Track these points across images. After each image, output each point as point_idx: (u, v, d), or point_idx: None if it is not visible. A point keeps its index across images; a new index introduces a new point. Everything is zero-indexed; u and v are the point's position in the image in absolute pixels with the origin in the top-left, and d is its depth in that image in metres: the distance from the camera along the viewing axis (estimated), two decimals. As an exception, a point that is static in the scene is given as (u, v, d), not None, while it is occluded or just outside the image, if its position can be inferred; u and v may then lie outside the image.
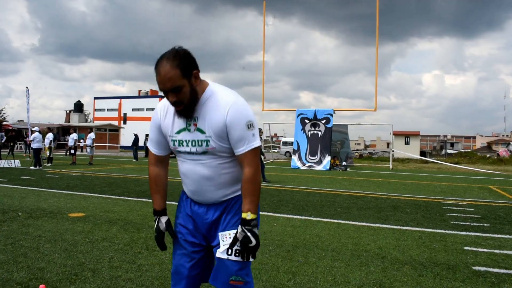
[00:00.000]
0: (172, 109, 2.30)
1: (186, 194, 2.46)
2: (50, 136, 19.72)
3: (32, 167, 17.89)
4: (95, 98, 68.46)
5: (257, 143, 2.22)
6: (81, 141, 40.58)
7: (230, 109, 2.15)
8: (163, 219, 2.42)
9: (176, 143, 2.31)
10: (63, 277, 3.98)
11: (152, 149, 2.45)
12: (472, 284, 4.13)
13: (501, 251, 5.42)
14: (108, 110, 66.40)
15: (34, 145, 18.26)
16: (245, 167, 2.23)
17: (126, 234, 5.81)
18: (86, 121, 63.94)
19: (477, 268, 4.66)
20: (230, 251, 2.21)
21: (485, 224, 7.29)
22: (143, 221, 6.71)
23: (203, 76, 2.24)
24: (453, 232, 6.59)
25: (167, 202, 2.49)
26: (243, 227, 2.19)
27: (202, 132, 2.22)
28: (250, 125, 2.18)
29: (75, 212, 7.34)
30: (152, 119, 2.40)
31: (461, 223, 7.39)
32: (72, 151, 21.60)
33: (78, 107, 59.20)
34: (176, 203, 2.53)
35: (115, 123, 58.60)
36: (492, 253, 5.31)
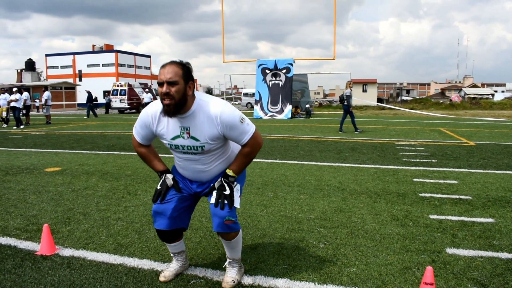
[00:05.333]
0: (163, 118, 2.67)
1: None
2: (6, 96, 19.24)
3: (4, 125, 18.42)
4: (46, 55, 65.82)
5: (252, 129, 2.68)
6: (36, 100, 39.47)
7: (220, 120, 2.57)
8: (170, 176, 2.88)
9: (173, 147, 2.75)
10: (58, 221, 4.37)
11: (138, 139, 2.87)
12: (418, 206, 4.82)
13: (445, 181, 6.17)
14: (61, 67, 64.16)
15: (19, 105, 18.48)
16: (246, 147, 2.70)
17: (106, 183, 6.19)
18: (40, 79, 61.60)
19: (423, 194, 5.37)
20: (213, 198, 2.73)
21: (433, 160, 8.08)
22: (119, 171, 7.08)
23: (154, 28, 2.67)
24: (404, 167, 7.32)
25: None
26: (222, 179, 2.74)
27: (196, 140, 2.65)
28: (241, 120, 2.63)
29: (51, 167, 7.60)
30: (142, 118, 2.76)
31: (412, 160, 8.17)
32: (24, 111, 20.94)
33: (30, 65, 56.87)
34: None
35: (70, 80, 56.82)
36: (437, 183, 6.04)
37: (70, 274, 3.06)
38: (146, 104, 28.46)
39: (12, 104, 18.37)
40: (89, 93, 28.43)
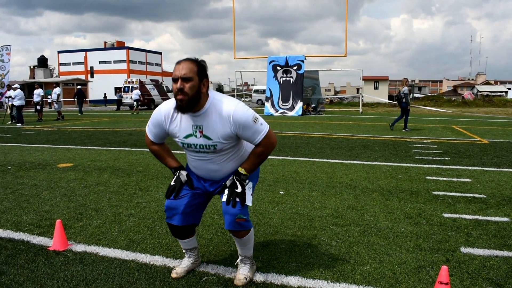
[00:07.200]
0: (176, 116, 2.67)
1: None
2: (12, 93, 19.35)
3: (18, 124, 18.04)
4: (59, 51, 66.31)
5: (266, 129, 2.66)
6: (49, 97, 39.76)
7: (233, 119, 2.56)
8: (184, 172, 2.88)
9: (186, 145, 2.74)
10: (70, 216, 4.39)
11: (151, 137, 2.88)
12: (431, 205, 4.76)
13: (458, 179, 6.09)
14: (73, 64, 64.59)
15: (16, 102, 18.22)
16: (259, 147, 2.69)
17: (117, 179, 6.22)
18: (52, 76, 62.10)
19: (436, 192, 5.31)
20: (225, 196, 2.72)
21: (446, 158, 8.00)
22: (130, 167, 7.10)
23: (165, 25, 2.68)
24: (417, 165, 7.25)
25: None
26: (234, 176, 2.74)
27: (209, 138, 2.64)
28: (255, 119, 2.62)
29: (63, 163, 7.66)
30: (155, 117, 2.77)
31: (425, 157, 8.09)
32: (38, 107, 21.03)
33: (43, 62, 57.32)
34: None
35: (82, 77, 57.24)
36: (450, 181, 5.97)
37: (82, 269, 3.07)
38: (135, 100, 28.20)
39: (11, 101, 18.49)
40: (78, 89, 28.59)
